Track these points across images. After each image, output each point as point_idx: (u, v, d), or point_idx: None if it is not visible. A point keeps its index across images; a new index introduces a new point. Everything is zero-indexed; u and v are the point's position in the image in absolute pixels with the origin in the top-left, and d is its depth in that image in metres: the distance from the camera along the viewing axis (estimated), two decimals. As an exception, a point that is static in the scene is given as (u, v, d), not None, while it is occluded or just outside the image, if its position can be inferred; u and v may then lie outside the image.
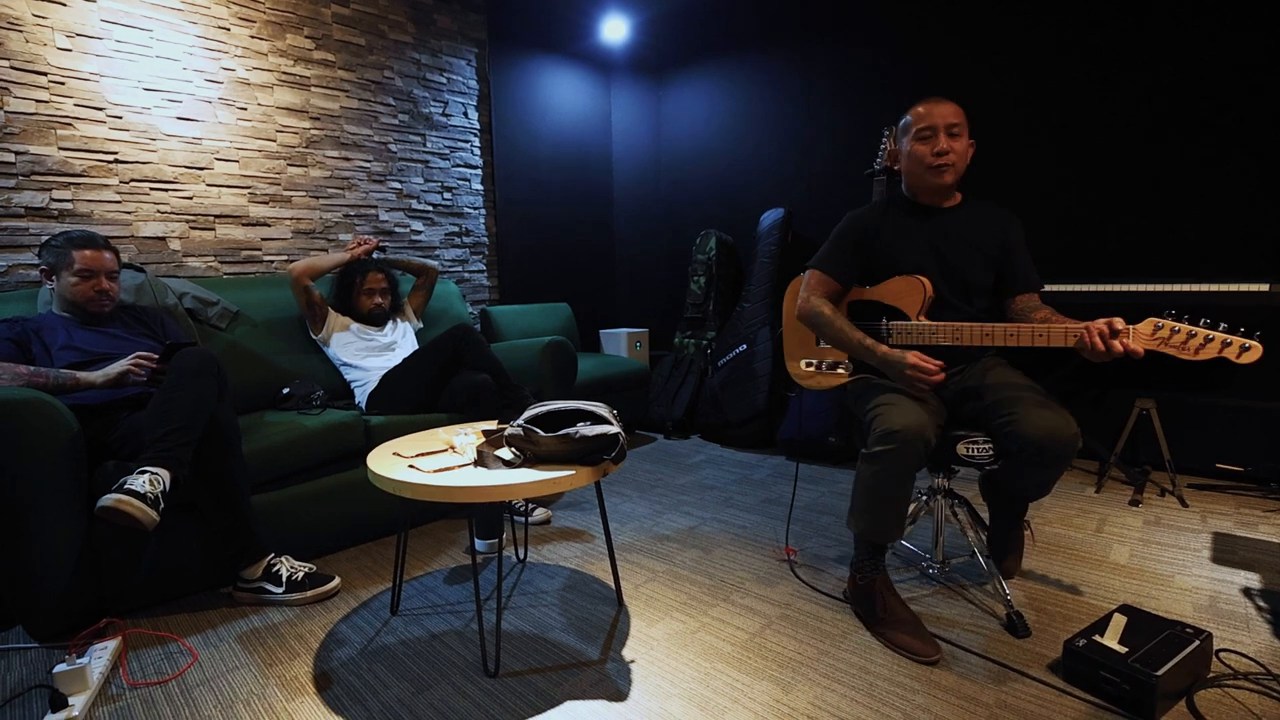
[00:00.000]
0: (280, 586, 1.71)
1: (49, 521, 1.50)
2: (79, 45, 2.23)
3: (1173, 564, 1.82)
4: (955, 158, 1.55)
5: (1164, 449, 2.34)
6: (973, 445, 1.50)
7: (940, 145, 1.54)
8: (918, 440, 1.39)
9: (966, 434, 1.51)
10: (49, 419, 1.49)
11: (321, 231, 2.88)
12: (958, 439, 1.51)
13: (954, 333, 1.52)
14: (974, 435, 1.51)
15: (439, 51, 3.25)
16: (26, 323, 1.77)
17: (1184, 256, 2.46)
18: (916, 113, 1.59)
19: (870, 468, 1.46)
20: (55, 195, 2.21)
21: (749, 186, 3.73)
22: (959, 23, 2.87)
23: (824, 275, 1.70)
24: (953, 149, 1.54)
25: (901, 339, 1.60)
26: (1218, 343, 1.25)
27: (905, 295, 1.61)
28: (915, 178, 1.62)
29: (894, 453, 1.41)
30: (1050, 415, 1.38)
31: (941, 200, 1.64)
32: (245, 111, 2.63)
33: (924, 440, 1.40)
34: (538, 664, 1.42)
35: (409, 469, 1.40)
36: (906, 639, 1.43)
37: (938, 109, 1.56)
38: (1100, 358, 1.33)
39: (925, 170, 1.57)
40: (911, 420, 1.41)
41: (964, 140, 1.57)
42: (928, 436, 1.41)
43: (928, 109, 1.57)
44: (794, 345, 1.86)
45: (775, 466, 2.89)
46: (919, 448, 1.40)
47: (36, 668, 1.46)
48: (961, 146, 1.56)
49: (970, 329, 1.50)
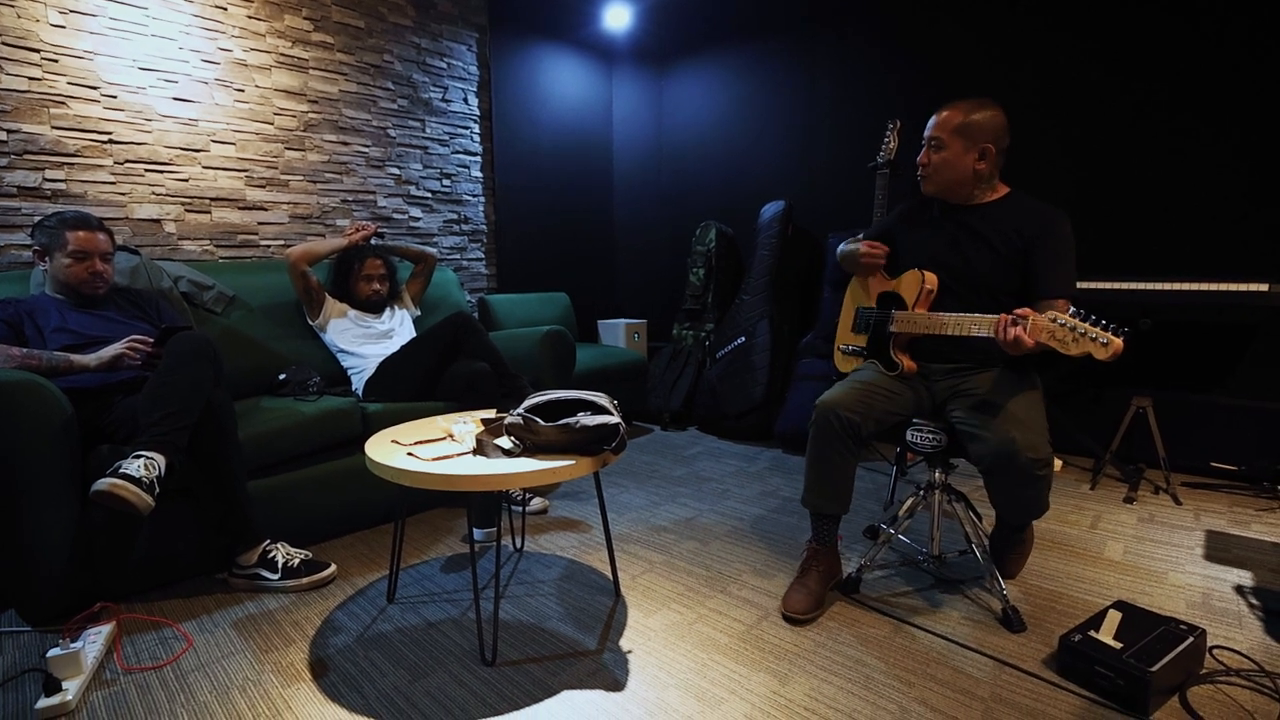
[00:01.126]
0: (276, 573, 1.71)
1: (42, 505, 1.49)
2: (72, 22, 2.19)
3: (1166, 561, 1.84)
4: (930, 170, 1.64)
5: (1159, 447, 2.35)
6: (916, 433, 1.59)
7: (920, 156, 1.66)
8: (830, 414, 1.54)
9: (919, 422, 1.59)
10: (42, 401, 1.47)
11: (319, 216, 2.85)
12: (907, 426, 1.61)
13: (926, 323, 1.60)
14: (922, 423, 1.58)
15: (439, 36, 3.22)
16: (19, 304, 1.75)
17: (1183, 255, 2.47)
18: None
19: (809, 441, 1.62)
20: (48, 175, 2.18)
21: (750, 178, 3.71)
22: (965, 14, 2.85)
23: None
24: (929, 160, 1.63)
25: (900, 327, 1.67)
26: (1086, 340, 1.26)
27: (908, 287, 1.69)
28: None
29: (814, 424, 1.58)
30: (1012, 430, 1.40)
31: (965, 199, 1.65)
32: (242, 93, 2.60)
33: (837, 415, 1.53)
34: (535, 653, 1.42)
35: (408, 456, 1.40)
36: (788, 593, 1.59)
37: (935, 118, 1.63)
38: (1010, 349, 1.38)
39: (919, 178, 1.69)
40: (834, 397, 1.56)
41: (950, 150, 1.59)
42: (843, 414, 1.52)
43: (933, 119, 1.64)
44: (842, 331, 1.93)
45: (772, 459, 2.89)
46: (832, 421, 1.53)
47: (30, 651, 1.45)
48: (941, 158, 1.61)
49: (932, 318, 1.58)
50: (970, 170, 1.59)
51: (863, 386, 1.59)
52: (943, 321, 1.55)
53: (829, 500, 1.60)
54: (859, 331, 1.83)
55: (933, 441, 1.56)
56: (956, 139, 1.58)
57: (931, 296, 1.65)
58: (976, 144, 1.57)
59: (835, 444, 1.55)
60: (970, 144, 1.57)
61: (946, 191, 1.65)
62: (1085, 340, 1.26)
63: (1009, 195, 1.64)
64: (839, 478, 1.57)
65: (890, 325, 1.69)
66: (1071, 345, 1.28)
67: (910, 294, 1.67)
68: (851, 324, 1.87)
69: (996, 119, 1.57)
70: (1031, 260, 1.56)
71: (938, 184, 1.64)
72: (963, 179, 1.61)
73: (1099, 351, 1.24)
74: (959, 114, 1.58)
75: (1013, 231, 1.58)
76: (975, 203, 1.65)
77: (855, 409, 1.54)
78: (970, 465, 2.65)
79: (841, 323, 1.93)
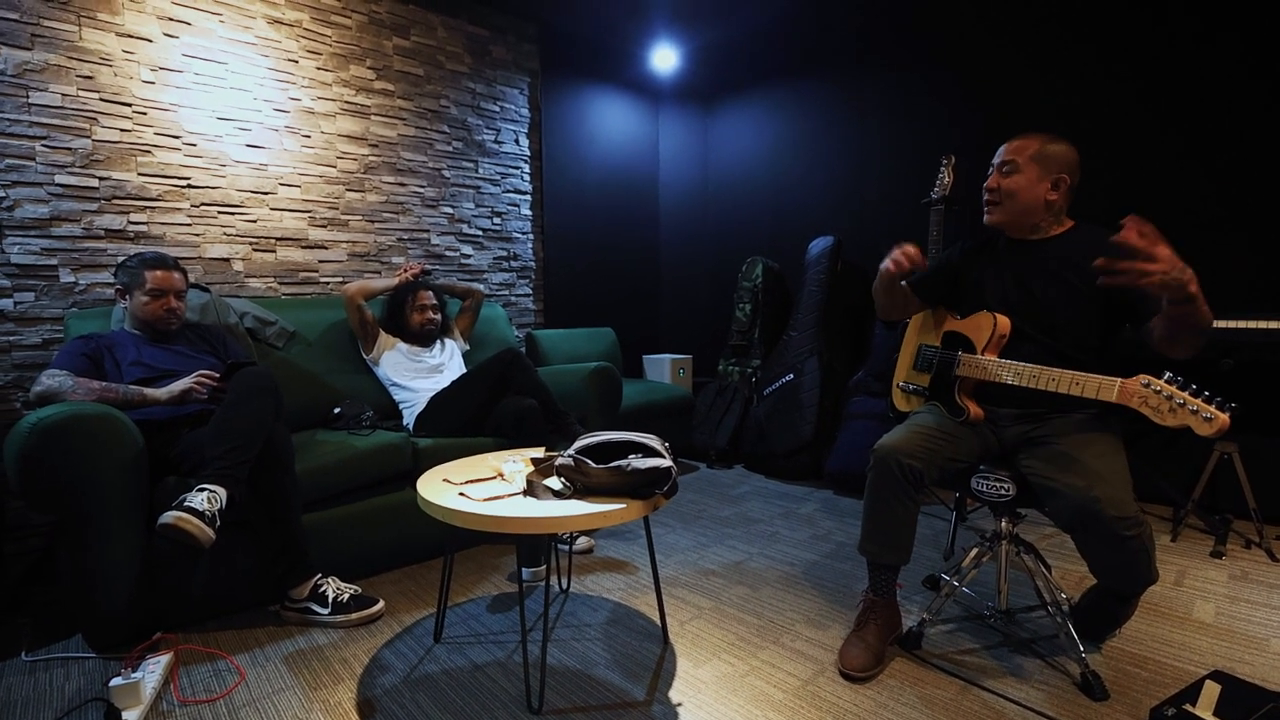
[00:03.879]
0: (326, 608, 1.72)
1: (113, 534, 1.54)
2: (161, 78, 2.36)
3: (1266, 625, 1.68)
4: (1000, 195, 1.55)
5: (1249, 496, 2.18)
6: (984, 480, 1.49)
7: (989, 181, 1.58)
8: (890, 460, 1.46)
9: (987, 469, 1.49)
10: (116, 434, 1.54)
11: (375, 254, 2.96)
12: (974, 473, 1.51)
13: (1014, 372, 1.49)
14: (990, 471, 1.49)
15: (493, 81, 3.34)
16: (100, 339, 1.85)
17: (1265, 290, 2.32)
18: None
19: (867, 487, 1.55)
20: (132, 218, 2.33)
21: (797, 214, 3.69)
22: (1021, 47, 2.80)
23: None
24: (999, 185, 1.55)
25: (968, 371, 1.58)
26: (1185, 412, 1.18)
27: (977, 329, 1.60)
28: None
29: (872, 469, 1.51)
30: (1094, 486, 1.29)
31: (1030, 233, 1.58)
32: (309, 139, 2.74)
33: (898, 462, 1.45)
34: (581, 702, 1.38)
35: (459, 496, 1.40)
36: (845, 647, 1.51)
37: (1008, 145, 1.56)
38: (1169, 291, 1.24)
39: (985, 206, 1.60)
40: (895, 442, 1.48)
41: (1024, 176, 1.53)
42: (904, 461, 1.45)
43: (1006, 145, 1.57)
44: (902, 367, 1.87)
45: (823, 500, 2.80)
46: (892, 467, 1.46)
47: (93, 678, 1.49)
48: (1014, 183, 1.54)
49: (1020, 369, 1.47)
50: (1042, 200, 1.53)
51: (925, 431, 1.52)
52: (1020, 372, 1.46)
53: (888, 550, 1.52)
54: (921, 370, 1.74)
55: (1001, 491, 1.47)
56: (1033, 165, 1.52)
57: (1004, 342, 1.56)
58: (1051, 173, 1.51)
59: (896, 491, 1.48)
60: (1045, 172, 1.52)
61: (1014, 222, 1.57)
62: (1184, 412, 1.17)
63: (1077, 227, 1.57)
64: (899, 526, 1.50)
65: (956, 369, 1.60)
66: (1167, 416, 1.19)
67: (980, 337, 1.57)
68: (913, 361, 1.79)
69: (1072, 153, 1.52)
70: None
71: (1006, 212, 1.56)
72: (1033, 208, 1.53)
73: (1202, 428, 1.15)
74: (1036, 141, 1.53)
75: (1089, 261, 1.49)
76: (1042, 236, 1.58)
77: (918, 455, 1.46)
78: (1040, 514, 2.52)
79: (901, 358, 1.85)
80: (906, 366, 1.82)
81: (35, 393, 1.60)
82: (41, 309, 2.16)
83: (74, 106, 2.19)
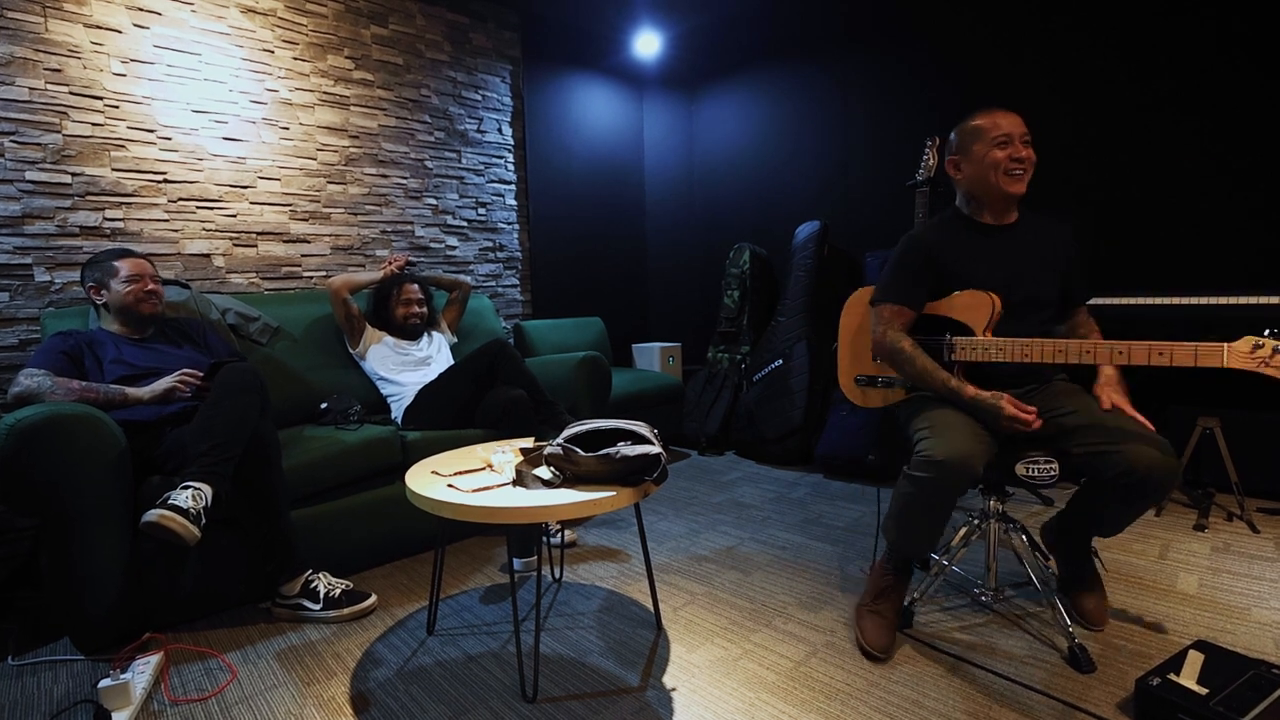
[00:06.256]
0: (318, 603, 1.71)
1: (97, 535, 1.52)
2: (133, 70, 2.30)
3: (1247, 595, 1.71)
4: (1030, 166, 1.51)
5: (1230, 470, 2.21)
6: (1033, 465, 1.43)
7: (1020, 152, 1.49)
8: (962, 472, 1.33)
9: (1028, 454, 1.44)
10: (98, 434, 1.51)
11: (359, 248, 2.92)
12: (1016, 459, 1.44)
13: (1023, 349, 1.44)
14: (1035, 455, 1.43)
15: (474, 69, 3.30)
16: (80, 335, 1.81)
17: (1242, 267, 2.34)
18: (990, 121, 1.52)
19: (909, 489, 1.42)
20: (108, 215, 2.28)
21: (783, 199, 3.68)
22: (1003, 30, 2.80)
23: (898, 307, 1.60)
24: (1029, 157, 1.51)
25: (966, 355, 1.53)
26: None
27: (972, 310, 1.53)
28: (985, 186, 1.53)
29: (933, 481, 1.36)
30: (1155, 447, 1.33)
31: (1004, 216, 1.58)
32: (287, 131, 2.69)
33: (969, 472, 1.33)
34: (576, 690, 1.38)
35: (448, 488, 1.39)
36: (869, 627, 1.51)
37: (1009, 119, 1.51)
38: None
39: (1001, 176, 1.50)
40: (958, 449, 1.34)
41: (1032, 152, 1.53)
42: (974, 468, 1.34)
43: (1003, 118, 1.51)
44: (848, 362, 1.81)
45: (813, 485, 2.82)
46: (962, 481, 1.34)
47: (82, 680, 1.47)
48: (1033, 157, 1.52)
49: (1042, 345, 1.42)
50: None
51: (971, 428, 1.42)
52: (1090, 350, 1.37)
53: (928, 546, 1.50)
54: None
55: (1050, 473, 1.42)
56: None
57: (998, 320, 1.52)
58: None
59: (953, 500, 1.40)
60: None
61: (1007, 201, 1.54)
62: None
63: (1023, 212, 1.61)
64: (942, 525, 1.46)
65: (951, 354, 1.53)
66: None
67: (978, 317, 1.51)
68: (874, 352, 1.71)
69: None
70: (1074, 272, 1.58)
71: (1025, 183, 1.52)
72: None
73: None
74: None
75: (1051, 244, 1.57)
76: (1010, 220, 1.59)
77: (984, 456, 1.38)
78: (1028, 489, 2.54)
79: (846, 350, 1.79)
80: (858, 358, 1.76)
81: (13, 393, 1.57)
82: (17, 309, 2.12)
83: (42, 101, 2.14)
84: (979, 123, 1.54)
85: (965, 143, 1.56)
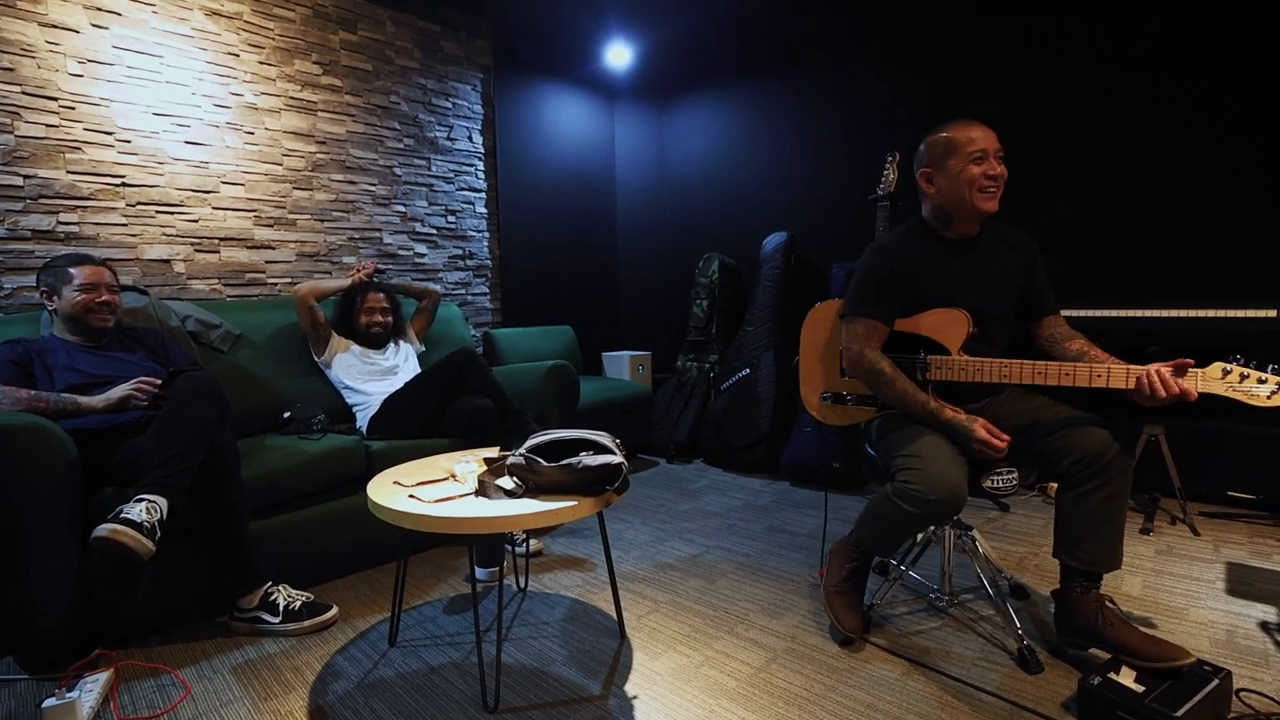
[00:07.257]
0: (277, 616, 1.68)
1: (44, 550, 1.48)
2: (90, 71, 2.26)
3: (1186, 595, 1.79)
4: (1003, 183, 1.48)
5: (1174, 476, 2.31)
6: (997, 477, 1.48)
7: (995, 169, 1.46)
8: (953, 508, 1.36)
9: (998, 468, 1.48)
10: (45, 445, 1.47)
11: (326, 254, 2.89)
12: (982, 472, 1.48)
13: (1001, 370, 1.44)
14: (998, 468, 1.48)
15: (445, 77, 3.29)
16: (29, 344, 1.76)
17: (1189, 280, 2.46)
18: (964, 135, 1.48)
19: (892, 512, 1.44)
20: (62, 218, 2.22)
21: (752, 210, 3.74)
22: (964, 46, 2.90)
23: (873, 322, 1.56)
24: (1003, 174, 1.48)
25: (941, 374, 1.52)
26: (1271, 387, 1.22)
27: (946, 329, 1.52)
28: (958, 202, 1.49)
29: (923, 517, 1.39)
30: (1099, 430, 1.42)
31: (970, 230, 1.55)
32: (253, 136, 2.66)
33: (958, 505, 1.36)
34: (538, 699, 1.39)
35: (409, 499, 1.38)
36: (841, 610, 1.59)
37: (984, 132, 1.48)
38: (1152, 402, 1.31)
39: (975, 193, 1.47)
40: (948, 487, 1.34)
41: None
42: (962, 498, 1.35)
43: (977, 132, 1.48)
44: (814, 377, 1.79)
45: (779, 493, 2.86)
46: (951, 514, 1.39)
47: (25, 701, 1.43)
48: (1006, 173, 1.50)
49: (1021, 366, 1.42)
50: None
51: (950, 454, 1.42)
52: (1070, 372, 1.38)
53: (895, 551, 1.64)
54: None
55: (1013, 482, 1.47)
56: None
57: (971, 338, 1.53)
58: None
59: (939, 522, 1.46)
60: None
61: (978, 217, 1.51)
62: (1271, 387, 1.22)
63: (986, 222, 1.58)
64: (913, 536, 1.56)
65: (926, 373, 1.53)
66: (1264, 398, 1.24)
67: (954, 336, 1.50)
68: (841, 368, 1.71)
69: None
70: (1034, 280, 1.59)
71: (998, 201, 1.48)
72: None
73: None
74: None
75: (1010, 255, 1.58)
76: (974, 233, 1.57)
77: (965, 480, 1.39)
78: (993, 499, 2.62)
79: (811, 366, 1.78)
80: (823, 374, 1.77)
81: (-44, 404, 1.52)
82: (-37, 315, 2.05)
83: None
84: (952, 135, 1.49)
85: (938, 156, 1.51)
